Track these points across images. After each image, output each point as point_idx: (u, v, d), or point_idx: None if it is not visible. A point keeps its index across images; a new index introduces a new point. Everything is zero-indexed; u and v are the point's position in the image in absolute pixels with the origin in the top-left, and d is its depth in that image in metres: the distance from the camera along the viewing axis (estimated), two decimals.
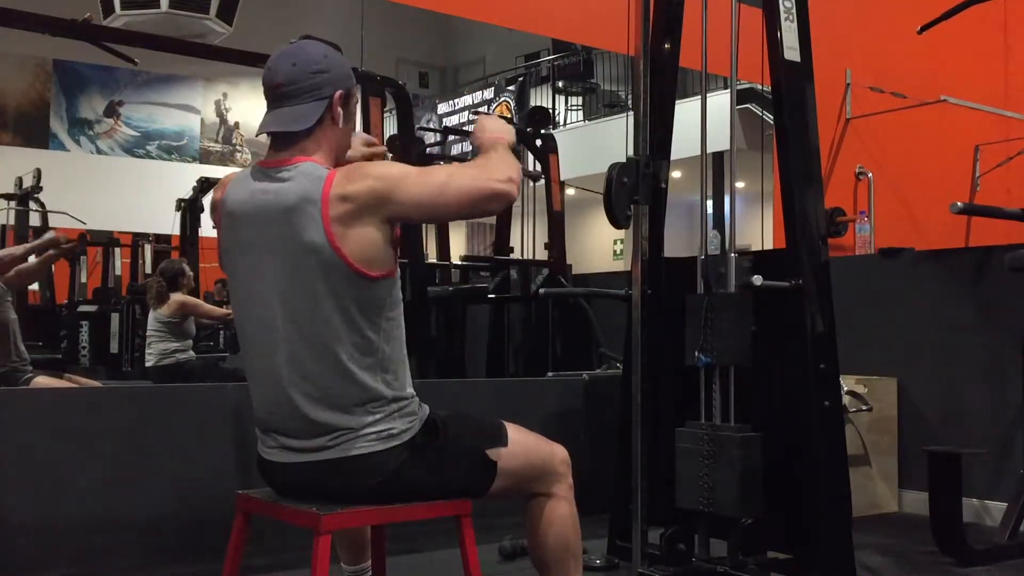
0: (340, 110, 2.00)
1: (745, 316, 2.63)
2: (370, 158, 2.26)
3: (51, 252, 4.68)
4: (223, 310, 6.35)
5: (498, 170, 1.97)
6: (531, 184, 6.46)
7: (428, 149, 8.98)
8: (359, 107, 4.68)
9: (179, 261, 6.41)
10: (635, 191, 2.68)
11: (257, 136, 2.17)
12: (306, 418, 1.92)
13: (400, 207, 1.90)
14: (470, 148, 2.11)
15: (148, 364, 5.94)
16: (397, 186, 1.89)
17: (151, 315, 5.98)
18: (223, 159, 14.13)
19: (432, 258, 6.68)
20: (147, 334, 6.01)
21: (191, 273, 6.24)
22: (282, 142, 1.98)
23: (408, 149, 5.12)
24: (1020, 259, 3.52)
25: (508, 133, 2.12)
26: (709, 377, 2.70)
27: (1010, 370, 3.71)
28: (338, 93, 1.99)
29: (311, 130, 1.96)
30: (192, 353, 6.05)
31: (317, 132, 1.98)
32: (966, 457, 3.28)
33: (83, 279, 9.05)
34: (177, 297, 5.92)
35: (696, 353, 2.67)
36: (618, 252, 13.39)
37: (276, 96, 1.98)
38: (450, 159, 12.75)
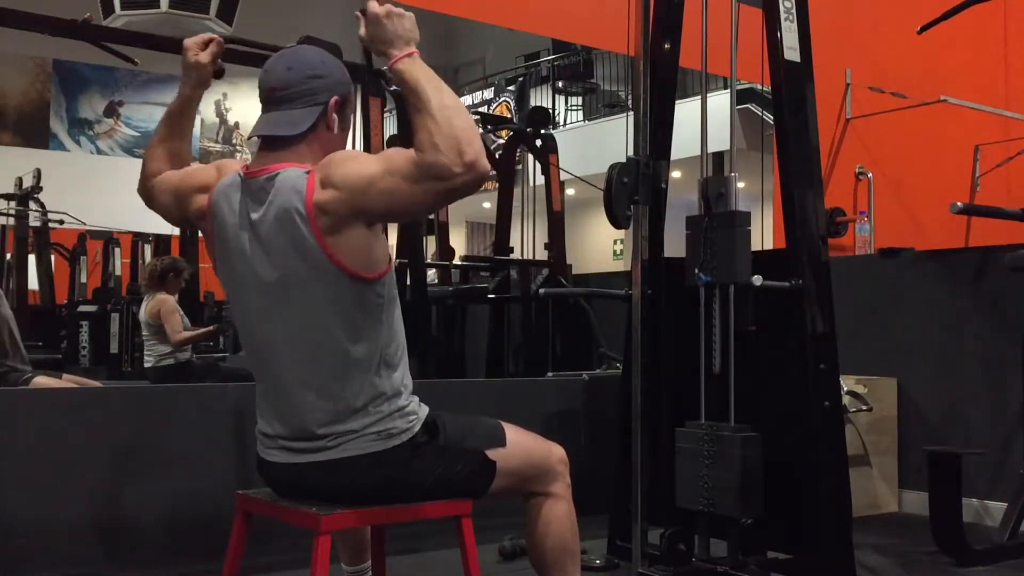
0: (335, 116, 1.96)
1: (744, 234, 2.62)
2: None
3: None
4: (183, 336, 5.77)
5: (457, 158, 1.70)
6: (530, 184, 6.47)
7: None
8: (359, 107, 4.71)
9: (176, 259, 6.23)
10: (635, 191, 2.68)
11: (248, 139, 2.14)
12: (306, 420, 1.92)
13: (370, 215, 1.84)
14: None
15: (147, 365, 5.89)
16: (363, 197, 1.80)
17: (139, 317, 5.85)
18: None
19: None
20: (143, 335, 5.91)
21: (186, 274, 6.02)
22: (273, 145, 1.95)
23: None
24: (1020, 259, 3.52)
25: (414, 31, 1.85)
26: (709, 297, 2.70)
27: (1010, 370, 3.71)
28: (334, 99, 1.96)
29: (304, 135, 1.93)
30: (192, 354, 6.01)
31: (310, 138, 1.94)
32: (966, 457, 3.28)
33: (83, 279, 9.05)
34: (160, 297, 5.70)
35: (696, 271, 2.66)
36: (618, 252, 13.39)
37: (270, 100, 1.95)
38: None
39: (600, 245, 13.29)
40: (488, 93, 13.77)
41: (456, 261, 6.70)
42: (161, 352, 5.77)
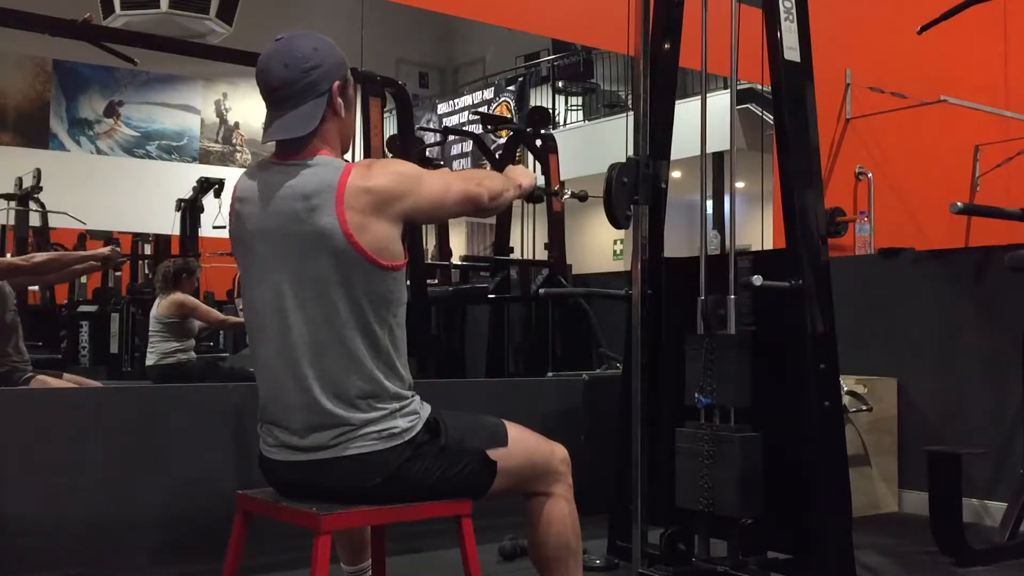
0: (340, 101, 2.01)
1: (745, 358, 2.63)
2: None
3: (94, 263, 4.58)
4: (222, 316, 6.21)
5: (489, 181, 2.14)
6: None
7: (428, 149, 8.95)
8: (359, 107, 4.71)
9: (188, 260, 6.32)
10: (635, 191, 2.68)
11: (264, 143, 2.17)
12: (309, 405, 1.92)
13: (414, 205, 1.95)
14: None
15: (148, 363, 5.92)
16: (416, 185, 1.96)
17: (152, 313, 5.96)
18: (223, 159, 14.12)
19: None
20: (149, 333, 5.99)
21: (199, 273, 6.16)
22: (290, 145, 1.99)
23: (408, 149, 5.12)
24: (1020, 259, 3.52)
25: (528, 178, 2.29)
26: (710, 416, 2.71)
27: (1010, 370, 3.71)
28: (336, 84, 1.99)
29: (316, 129, 1.97)
30: (193, 354, 6.03)
31: (322, 129, 1.99)
32: (966, 457, 3.28)
33: (83, 279, 9.04)
34: (176, 296, 5.85)
35: (696, 395, 2.67)
36: (618, 252, 13.38)
37: (275, 100, 1.98)
38: (449, 159, 12.77)
39: (600, 245, 13.29)
40: (488, 93, 13.76)
41: (455, 261, 6.70)
42: (165, 350, 5.84)
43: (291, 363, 1.94)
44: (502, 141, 8.59)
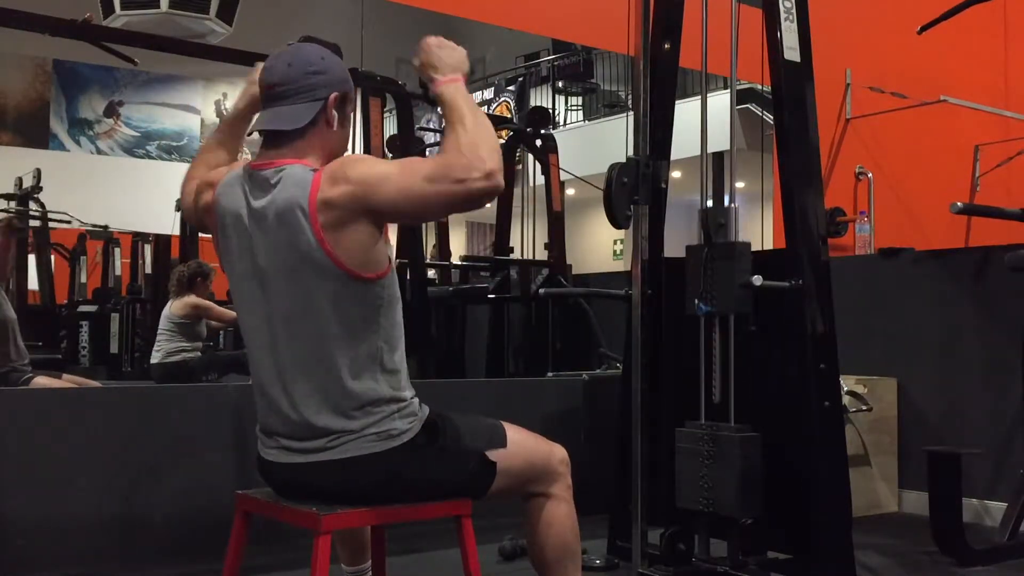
0: (334, 112, 1.98)
1: (744, 265, 2.62)
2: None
3: None
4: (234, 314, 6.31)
5: (479, 164, 1.78)
6: (530, 184, 6.47)
7: (428, 149, 8.93)
8: (359, 107, 4.72)
9: (203, 264, 6.36)
10: (635, 191, 2.68)
11: (249, 135, 2.15)
12: (306, 422, 1.92)
13: (380, 212, 1.86)
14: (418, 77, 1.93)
15: (153, 361, 5.95)
16: (376, 191, 1.83)
17: (164, 312, 6.01)
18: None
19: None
20: (158, 331, 6.04)
21: (212, 276, 6.20)
22: (275, 141, 1.97)
23: (408, 149, 5.12)
24: (1020, 259, 3.52)
25: (463, 63, 1.96)
26: (709, 326, 2.70)
27: (1010, 370, 3.71)
28: (333, 95, 1.97)
29: (303, 131, 1.95)
30: (199, 354, 6.06)
31: (310, 133, 1.96)
32: (966, 457, 3.28)
33: (83, 279, 9.05)
34: (191, 298, 5.94)
35: (696, 302, 2.67)
36: (618, 252, 13.39)
37: (271, 96, 1.97)
38: None
39: (600, 245, 13.29)
40: (488, 93, 13.76)
41: (455, 261, 6.70)
42: (171, 350, 5.92)
43: (284, 381, 1.93)
44: (502, 141, 8.58)
